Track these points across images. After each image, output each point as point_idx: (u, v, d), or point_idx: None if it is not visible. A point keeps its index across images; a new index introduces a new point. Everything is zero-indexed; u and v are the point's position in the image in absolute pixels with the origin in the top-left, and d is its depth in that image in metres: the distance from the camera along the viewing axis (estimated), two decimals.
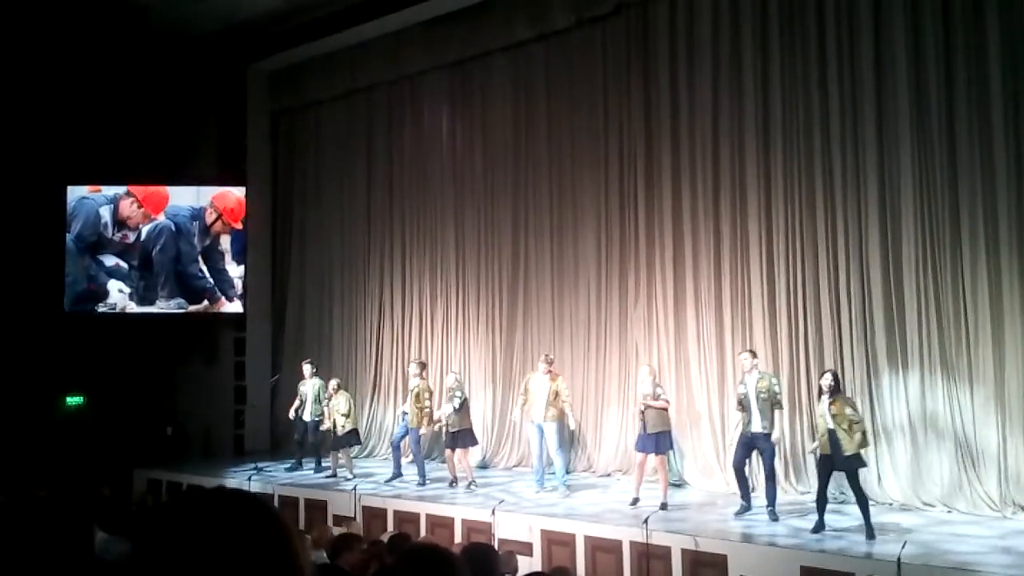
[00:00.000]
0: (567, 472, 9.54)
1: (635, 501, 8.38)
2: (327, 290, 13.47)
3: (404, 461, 10.42)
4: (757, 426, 7.70)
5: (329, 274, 13.46)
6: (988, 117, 7.92)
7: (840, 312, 8.69)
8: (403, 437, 10.30)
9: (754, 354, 8.12)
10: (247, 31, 13.01)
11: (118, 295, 13.39)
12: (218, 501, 1.16)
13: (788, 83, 9.15)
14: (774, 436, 7.73)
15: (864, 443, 7.14)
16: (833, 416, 7.06)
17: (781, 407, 7.90)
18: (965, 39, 8.09)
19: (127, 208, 13.40)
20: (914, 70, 8.33)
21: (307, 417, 11.22)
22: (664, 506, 8.20)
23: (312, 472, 11.03)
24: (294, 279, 13.91)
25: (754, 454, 7.92)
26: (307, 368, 11.47)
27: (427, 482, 9.93)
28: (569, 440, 10.09)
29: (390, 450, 11.06)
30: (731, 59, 9.54)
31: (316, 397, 11.22)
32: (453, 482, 9.80)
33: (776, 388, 7.80)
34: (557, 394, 9.13)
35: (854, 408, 7.27)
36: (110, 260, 13.41)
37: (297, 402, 11.35)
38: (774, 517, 7.67)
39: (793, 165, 9.08)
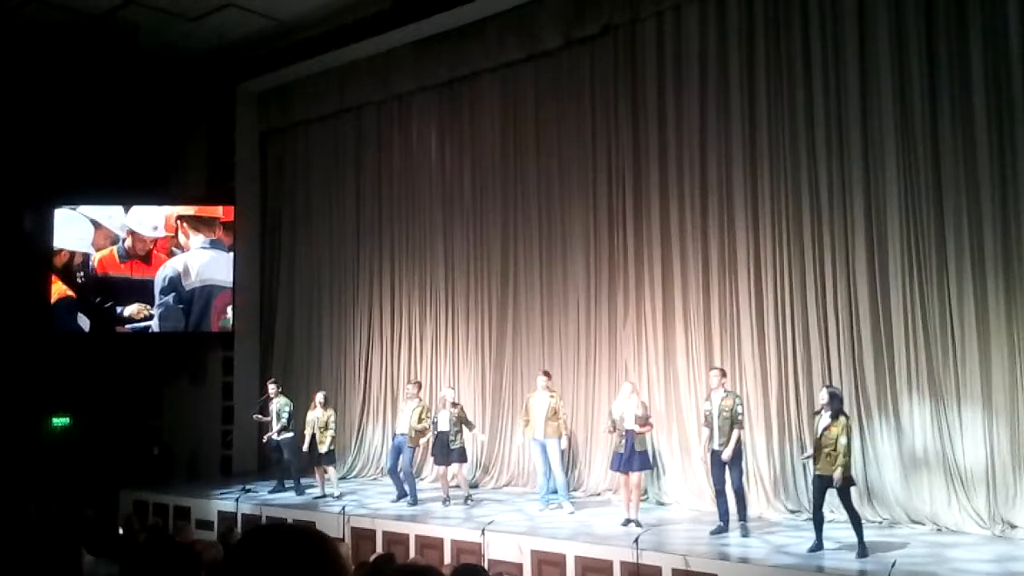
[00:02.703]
0: (570, 489, 9.54)
1: (628, 522, 8.33)
2: (316, 309, 13.42)
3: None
4: (716, 443, 7.84)
5: (318, 293, 13.43)
6: (972, 132, 7.99)
7: (828, 328, 8.73)
8: (398, 459, 10.21)
9: (723, 372, 8.25)
10: (236, 51, 13.04)
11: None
12: (283, 537, 1.28)
13: (774, 100, 9.23)
14: (724, 455, 7.78)
15: (844, 475, 7.00)
16: (826, 436, 7.02)
17: (742, 427, 8.02)
18: (948, 55, 8.17)
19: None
20: (899, 85, 8.41)
21: (276, 437, 11.12)
22: (637, 523, 8.16)
23: (293, 494, 10.88)
24: (283, 298, 13.86)
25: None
26: (272, 387, 11.38)
27: (419, 502, 9.90)
28: (569, 458, 10.07)
29: (382, 475, 11.01)
30: (718, 77, 9.62)
31: (277, 415, 11.12)
32: (446, 500, 9.76)
33: (739, 409, 7.94)
34: (556, 411, 9.18)
35: (848, 438, 7.09)
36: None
37: (272, 422, 11.26)
38: (745, 532, 7.73)
39: (780, 182, 9.14)
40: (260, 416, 11.54)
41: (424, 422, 10.04)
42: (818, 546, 7.10)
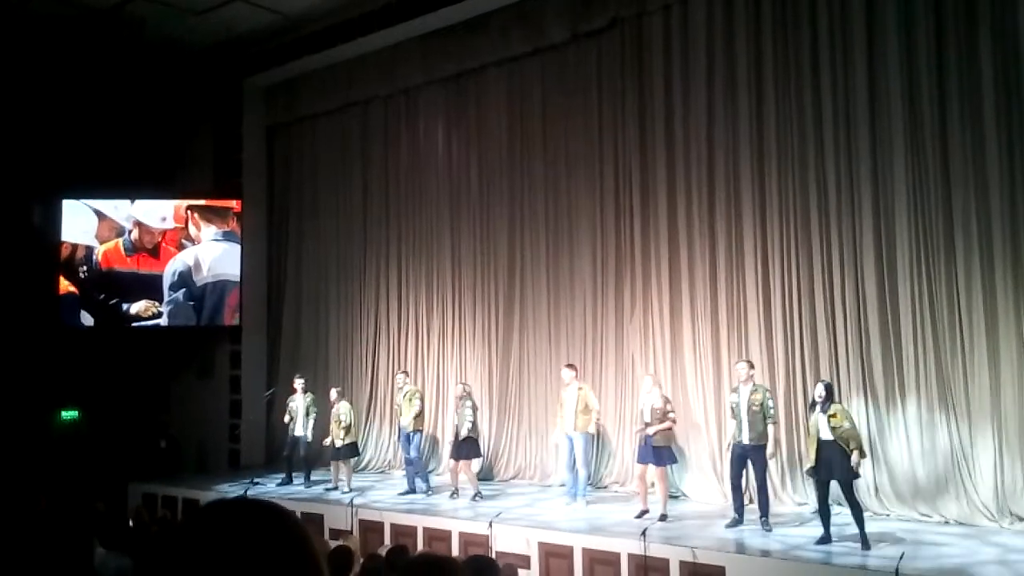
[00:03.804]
0: (589, 483, 9.54)
1: (642, 513, 8.36)
2: (323, 303, 13.45)
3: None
4: (745, 437, 7.77)
5: (325, 287, 13.45)
6: (981, 129, 7.98)
7: (835, 322, 8.72)
8: (409, 446, 10.25)
9: (751, 365, 8.17)
10: (243, 45, 13.05)
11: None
12: (240, 512, 1.15)
13: (782, 95, 9.21)
14: (769, 451, 7.77)
15: (862, 454, 7.16)
16: (832, 429, 7.04)
17: (775, 422, 7.91)
18: (958, 53, 8.15)
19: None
20: (907, 82, 8.38)
21: (298, 432, 11.18)
22: (664, 517, 8.20)
23: (302, 487, 10.97)
24: (290, 292, 13.89)
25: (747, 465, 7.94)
26: (299, 383, 11.42)
27: (431, 491, 10.01)
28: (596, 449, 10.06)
29: (390, 468, 11.01)
30: (725, 71, 9.59)
31: (307, 412, 11.19)
32: (455, 493, 9.78)
33: (770, 403, 7.84)
34: (586, 404, 9.18)
35: (852, 422, 7.25)
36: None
37: (287, 417, 11.32)
38: (767, 528, 7.70)
39: (787, 176, 9.13)
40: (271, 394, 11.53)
41: (414, 402, 10.14)
42: (826, 538, 7.10)
